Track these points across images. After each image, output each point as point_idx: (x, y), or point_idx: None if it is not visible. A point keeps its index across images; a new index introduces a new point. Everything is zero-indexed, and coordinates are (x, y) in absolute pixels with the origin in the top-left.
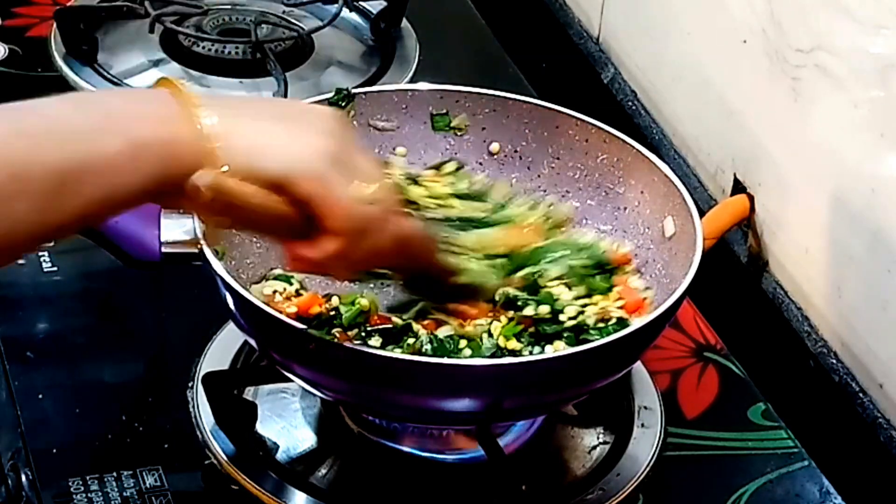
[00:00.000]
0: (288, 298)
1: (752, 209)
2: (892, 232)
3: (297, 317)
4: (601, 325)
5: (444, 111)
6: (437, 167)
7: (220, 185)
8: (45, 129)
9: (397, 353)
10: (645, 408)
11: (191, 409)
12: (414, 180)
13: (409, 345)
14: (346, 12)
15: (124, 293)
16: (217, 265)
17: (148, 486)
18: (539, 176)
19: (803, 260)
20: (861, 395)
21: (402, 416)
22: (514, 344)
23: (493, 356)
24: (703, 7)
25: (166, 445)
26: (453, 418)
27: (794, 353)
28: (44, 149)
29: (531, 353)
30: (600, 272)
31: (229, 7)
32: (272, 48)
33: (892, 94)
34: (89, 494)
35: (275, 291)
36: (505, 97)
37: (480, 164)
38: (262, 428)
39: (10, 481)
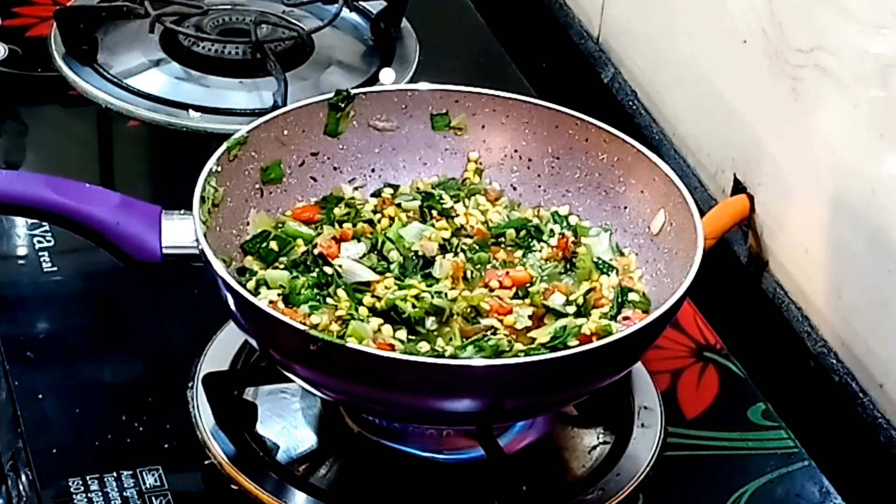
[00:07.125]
0: None
1: (752, 209)
2: (892, 232)
3: None
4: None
5: (444, 111)
6: None
7: None
8: None
9: (397, 354)
10: (645, 408)
11: (191, 410)
12: None
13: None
14: (346, 12)
15: (124, 293)
16: (218, 266)
17: (148, 486)
18: (539, 176)
19: (803, 260)
20: (861, 395)
21: (402, 416)
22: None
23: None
24: (703, 7)
25: (166, 445)
26: (453, 418)
27: (794, 353)
28: None
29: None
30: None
31: (229, 7)
32: (272, 48)
33: (892, 94)
34: (89, 494)
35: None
36: (505, 97)
37: (479, 164)
38: (262, 428)
39: (9, 481)
